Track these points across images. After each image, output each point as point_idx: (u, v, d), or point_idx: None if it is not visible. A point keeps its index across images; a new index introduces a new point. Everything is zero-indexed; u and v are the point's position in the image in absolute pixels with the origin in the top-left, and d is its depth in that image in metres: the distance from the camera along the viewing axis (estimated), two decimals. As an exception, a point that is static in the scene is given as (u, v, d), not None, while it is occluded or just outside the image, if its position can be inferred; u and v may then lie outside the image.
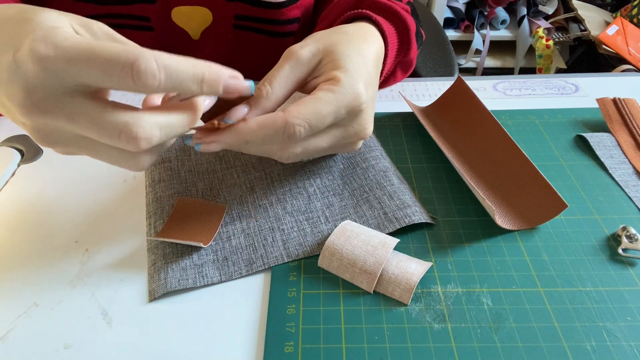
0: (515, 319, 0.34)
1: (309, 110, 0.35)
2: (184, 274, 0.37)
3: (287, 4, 0.58)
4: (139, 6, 0.56)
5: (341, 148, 0.42)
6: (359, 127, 0.39)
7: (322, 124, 0.36)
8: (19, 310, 0.35)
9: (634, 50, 1.65)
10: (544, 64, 1.92)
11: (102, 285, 0.37)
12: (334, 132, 0.38)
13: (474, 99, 0.49)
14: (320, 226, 0.40)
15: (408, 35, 0.49)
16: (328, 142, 0.38)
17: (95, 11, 0.56)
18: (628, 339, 0.33)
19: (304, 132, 0.35)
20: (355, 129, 0.39)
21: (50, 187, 0.45)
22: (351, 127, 0.39)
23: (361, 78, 0.38)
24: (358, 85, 0.37)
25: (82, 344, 0.33)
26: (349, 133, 0.39)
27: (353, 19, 0.47)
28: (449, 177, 0.46)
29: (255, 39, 0.62)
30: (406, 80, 0.60)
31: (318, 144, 0.38)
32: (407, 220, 0.40)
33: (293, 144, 0.36)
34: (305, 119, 0.35)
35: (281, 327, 0.33)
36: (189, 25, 0.59)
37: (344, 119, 0.37)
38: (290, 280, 0.37)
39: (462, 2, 2.00)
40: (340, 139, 0.39)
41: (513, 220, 0.41)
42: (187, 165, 0.46)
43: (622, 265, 0.38)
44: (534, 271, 0.37)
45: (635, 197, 0.43)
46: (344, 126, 0.38)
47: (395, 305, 0.35)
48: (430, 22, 1.01)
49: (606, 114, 0.51)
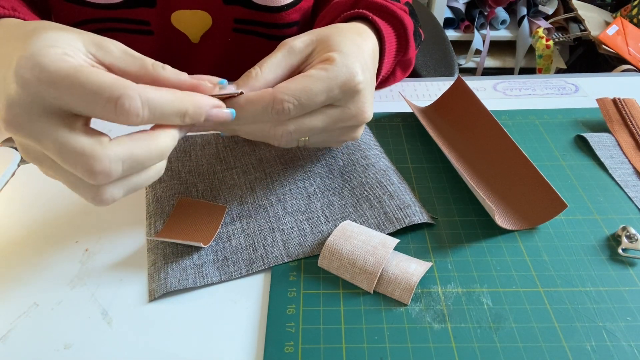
0: (515, 319, 0.34)
1: (298, 87, 0.35)
2: (184, 274, 0.37)
3: (286, 7, 0.59)
4: (139, 10, 0.56)
5: (341, 134, 0.41)
6: (356, 109, 0.38)
7: (312, 102, 0.35)
8: (19, 310, 0.35)
9: (634, 50, 1.65)
10: (544, 64, 1.92)
11: (102, 285, 0.37)
12: (330, 112, 0.37)
13: (474, 99, 0.49)
14: (320, 226, 0.40)
15: (406, 34, 0.49)
16: (323, 123, 0.37)
17: (96, 15, 0.56)
18: (628, 339, 0.33)
19: (293, 109, 0.35)
20: (352, 111, 0.38)
21: (50, 187, 0.45)
22: (348, 108, 0.38)
23: (357, 59, 0.37)
24: (354, 65, 0.36)
25: (82, 344, 0.33)
26: (346, 115, 0.38)
27: (350, 19, 0.47)
28: (449, 177, 0.46)
29: (254, 42, 0.62)
30: (406, 80, 0.60)
31: (312, 123, 0.37)
32: (407, 220, 0.40)
33: (284, 121, 0.36)
34: (294, 95, 0.34)
35: (281, 327, 0.33)
36: (188, 29, 0.59)
37: (340, 99, 0.37)
38: (290, 280, 0.37)
39: (462, 2, 2.00)
40: (337, 121, 0.38)
41: (513, 220, 0.41)
42: (188, 166, 0.46)
43: (622, 265, 0.38)
44: (534, 271, 0.37)
45: (635, 197, 0.43)
46: (341, 107, 0.38)
47: (395, 305, 0.35)
48: (430, 22, 1.01)
49: (606, 114, 0.51)
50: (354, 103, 0.38)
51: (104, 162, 0.28)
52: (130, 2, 0.55)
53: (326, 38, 0.38)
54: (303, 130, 0.37)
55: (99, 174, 0.28)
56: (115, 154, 0.29)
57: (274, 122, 0.36)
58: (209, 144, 0.49)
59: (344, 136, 0.41)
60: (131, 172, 0.30)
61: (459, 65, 1.98)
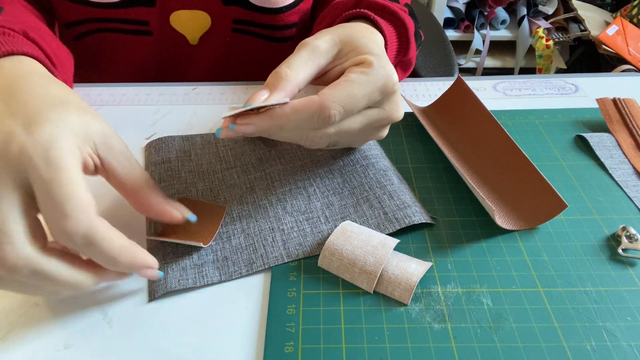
0: (515, 319, 0.34)
1: (344, 94, 0.35)
2: (184, 273, 0.37)
3: (285, 9, 0.59)
4: (139, 10, 0.56)
5: (371, 134, 0.41)
6: (391, 109, 0.39)
7: (356, 107, 0.36)
8: (19, 310, 0.35)
9: (634, 50, 1.65)
10: (544, 64, 1.92)
11: (102, 285, 0.37)
12: (368, 114, 0.38)
13: (474, 99, 0.49)
14: (320, 226, 0.40)
15: (407, 34, 0.49)
16: (361, 124, 0.38)
17: (96, 15, 0.56)
18: (628, 339, 0.33)
19: (339, 116, 0.35)
20: (387, 112, 0.39)
21: (50, 187, 0.45)
22: (383, 109, 0.39)
23: (388, 61, 0.38)
24: (389, 67, 0.37)
25: (82, 344, 0.33)
26: (382, 115, 0.39)
27: (351, 19, 0.47)
28: (449, 177, 0.46)
29: (253, 43, 0.62)
30: (406, 80, 0.60)
31: (352, 125, 0.38)
32: (407, 220, 0.40)
33: (328, 127, 0.36)
34: (341, 103, 0.35)
35: (281, 327, 0.33)
36: (187, 29, 0.59)
37: (379, 100, 0.38)
38: (290, 280, 0.37)
39: (462, 2, 2.00)
40: (373, 121, 0.39)
41: (513, 220, 0.41)
42: (188, 166, 0.46)
43: (622, 265, 0.38)
44: (534, 271, 0.37)
45: (635, 197, 0.43)
46: (377, 107, 0.38)
47: (395, 305, 0.35)
48: (430, 22, 1.01)
49: (606, 114, 0.51)
50: (390, 103, 0.39)
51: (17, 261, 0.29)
52: (130, 2, 0.55)
53: (350, 39, 0.39)
54: (342, 132, 0.38)
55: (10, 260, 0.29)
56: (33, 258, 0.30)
57: (317, 128, 0.36)
58: (209, 143, 0.49)
59: (373, 135, 0.42)
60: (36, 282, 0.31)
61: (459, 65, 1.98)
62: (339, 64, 0.39)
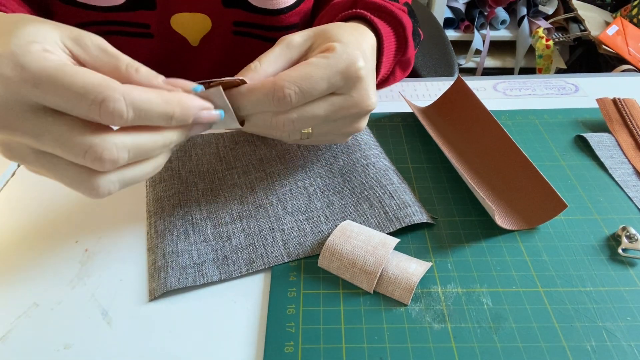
0: (515, 319, 0.34)
1: (299, 74, 0.35)
2: (184, 273, 0.37)
3: (286, 10, 0.59)
4: (140, 13, 0.56)
5: (345, 125, 0.40)
6: (359, 96, 0.38)
7: (314, 89, 0.35)
8: (19, 310, 0.35)
9: (634, 50, 1.65)
10: (544, 64, 1.92)
11: (102, 285, 0.37)
12: (333, 100, 0.37)
13: (474, 99, 0.49)
14: (321, 226, 0.40)
15: (404, 33, 0.49)
16: (326, 111, 0.37)
17: (95, 18, 0.56)
18: (628, 339, 0.33)
19: (295, 96, 0.35)
20: (355, 99, 0.38)
21: (51, 187, 0.45)
22: (351, 96, 0.38)
23: (356, 48, 0.37)
24: (354, 52, 0.36)
25: (82, 344, 0.33)
26: (350, 102, 0.38)
27: (348, 19, 0.47)
28: (449, 177, 0.46)
29: (254, 45, 0.62)
30: (406, 80, 0.60)
31: (315, 111, 0.37)
32: (408, 220, 0.40)
33: (286, 109, 0.36)
34: (295, 82, 0.34)
35: (281, 327, 0.33)
36: (188, 32, 0.59)
37: (342, 86, 0.37)
38: (290, 280, 0.37)
39: (462, 2, 2.00)
40: (340, 109, 0.38)
41: (513, 220, 0.41)
42: (188, 166, 0.46)
43: (622, 265, 0.38)
44: (534, 271, 0.37)
45: (635, 197, 0.43)
46: (344, 95, 0.37)
47: (395, 305, 0.35)
48: (430, 22, 1.01)
49: (606, 114, 0.51)
50: (357, 90, 0.38)
51: (112, 149, 0.28)
52: (131, 5, 0.55)
53: (324, 32, 0.39)
54: (306, 118, 0.37)
55: (107, 161, 0.28)
56: (122, 142, 0.29)
57: (276, 110, 0.36)
58: (209, 143, 0.49)
59: (349, 127, 0.41)
60: (136, 159, 0.30)
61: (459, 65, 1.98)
62: (310, 55, 0.38)
